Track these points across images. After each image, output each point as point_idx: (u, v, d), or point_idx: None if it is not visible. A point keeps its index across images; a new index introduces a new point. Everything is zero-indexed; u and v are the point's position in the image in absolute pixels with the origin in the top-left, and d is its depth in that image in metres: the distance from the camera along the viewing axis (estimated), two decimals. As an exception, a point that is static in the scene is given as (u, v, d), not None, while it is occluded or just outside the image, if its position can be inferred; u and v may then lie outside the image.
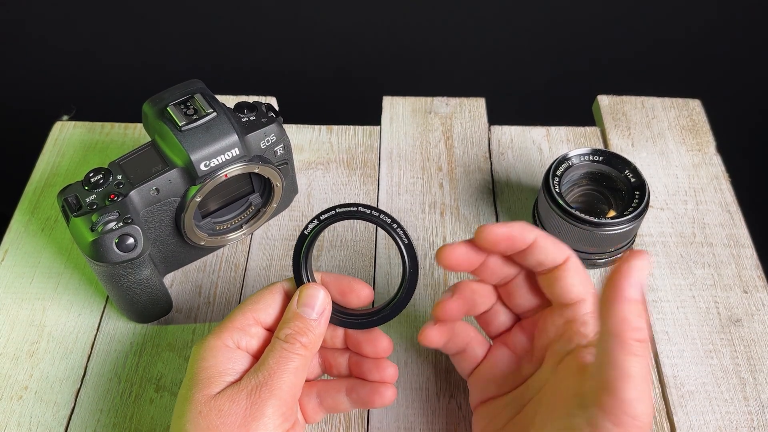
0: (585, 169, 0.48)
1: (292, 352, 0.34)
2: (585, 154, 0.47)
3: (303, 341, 0.34)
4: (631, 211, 0.44)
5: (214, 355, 0.34)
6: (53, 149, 0.57)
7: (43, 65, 1.00)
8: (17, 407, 0.42)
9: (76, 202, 0.41)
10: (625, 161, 0.47)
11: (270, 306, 0.36)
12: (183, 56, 0.99)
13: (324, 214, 0.36)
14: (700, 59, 0.99)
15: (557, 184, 0.46)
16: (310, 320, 0.35)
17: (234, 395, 0.33)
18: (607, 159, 0.47)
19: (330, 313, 0.36)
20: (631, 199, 0.45)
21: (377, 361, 0.37)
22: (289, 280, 0.37)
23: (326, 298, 0.36)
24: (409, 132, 0.58)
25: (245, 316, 0.36)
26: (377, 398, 0.37)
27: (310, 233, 0.36)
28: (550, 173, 0.46)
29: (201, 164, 0.41)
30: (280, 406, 0.33)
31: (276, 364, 0.33)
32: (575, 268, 0.35)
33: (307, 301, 0.35)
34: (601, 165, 0.47)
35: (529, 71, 1.02)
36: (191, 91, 0.43)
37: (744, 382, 0.43)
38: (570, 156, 0.47)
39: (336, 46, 0.98)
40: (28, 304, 0.47)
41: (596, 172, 0.48)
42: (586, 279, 0.35)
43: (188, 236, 0.45)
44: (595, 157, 0.47)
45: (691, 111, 0.59)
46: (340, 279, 0.37)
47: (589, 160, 0.48)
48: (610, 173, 0.47)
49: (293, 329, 0.35)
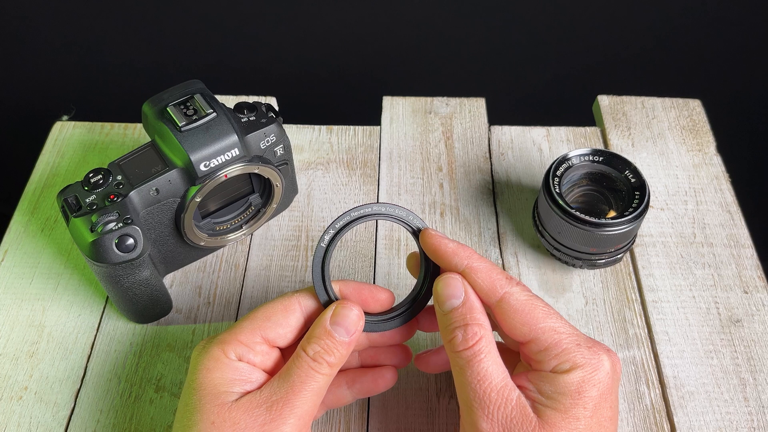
0: (585, 169, 0.48)
1: (317, 372, 0.33)
2: (585, 155, 0.47)
3: (330, 361, 0.33)
4: (631, 212, 0.44)
5: (218, 367, 0.33)
6: (53, 149, 0.56)
7: (43, 65, 1.00)
8: (17, 407, 0.42)
9: (76, 202, 0.40)
10: (625, 161, 0.47)
11: (281, 326, 0.35)
12: (183, 57, 0.99)
13: (339, 221, 0.35)
14: (700, 59, 0.99)
15: (557, 184, 0.46)
16: (341, 340, 0.34)
17: (251, 408, 0.32)
18: (607, 159, 0.47)
19: (360, 333, 0.35)
20: (631, 200, 0.45)
21: (393, 346, 0.37)
22: (306, 293, 0.36)
23: (360, 319, 0.35)
24: (409, 132, 0.58)
25: (253, 332, 0.34)
26: (381, 382, 0.37)
27: (328, 245, 0.35)
28: (550, 173, 0.46)
29: (201, 164, 0.41)
30: (298, 425, 0.32)
31: (300, 382, 0.32)
32: (510, 306, 0.33)
33: (341, 321, 0.34)
34: (601, 165, 0.47)
35: (529, 71, 1.02)
36: (191, 92, 0.43)
37: (744, 382, 0.43)
38: (570, 156, 0.47)
39: (336, 46, 0.98)
40: (27, 304, 0.47)
41: (596, 173, 0.48)
42: (527, 317, 0.33)
43: (188, 237, 0.45)
44: (595, 157, 0.47)
45: (691, 111, 0.59)
46: (361, 289, 0.36)
47: (589, 160, 0.47)
48: (610, 173, 0.47)
49: (322, 347, 0.33)
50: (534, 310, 0.33)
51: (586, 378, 0.32)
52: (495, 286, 0.34)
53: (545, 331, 0.33)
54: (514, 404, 0.32)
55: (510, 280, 0.34)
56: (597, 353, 0.33)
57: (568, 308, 0.47)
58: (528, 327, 0.33)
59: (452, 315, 0.34)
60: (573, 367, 0.32)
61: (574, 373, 0.32)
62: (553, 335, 0.33)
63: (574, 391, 0.32)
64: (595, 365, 0.32)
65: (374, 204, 0.35)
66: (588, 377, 0.32)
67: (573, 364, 0.32)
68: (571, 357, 0.32)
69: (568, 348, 0.32)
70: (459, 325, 0.33)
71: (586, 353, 0.32)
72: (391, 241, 0.51)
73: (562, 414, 0.31)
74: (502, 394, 0.32)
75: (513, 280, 0.34)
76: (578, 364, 0.32)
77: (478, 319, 0.33)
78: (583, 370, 0.32)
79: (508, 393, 0.32)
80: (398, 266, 0.49)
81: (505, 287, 0.34)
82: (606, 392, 0.32)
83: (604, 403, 0.32)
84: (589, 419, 0.31)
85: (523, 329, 0.33)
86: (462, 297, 0.34)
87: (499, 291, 0.34)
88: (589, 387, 0.32)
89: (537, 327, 0.33)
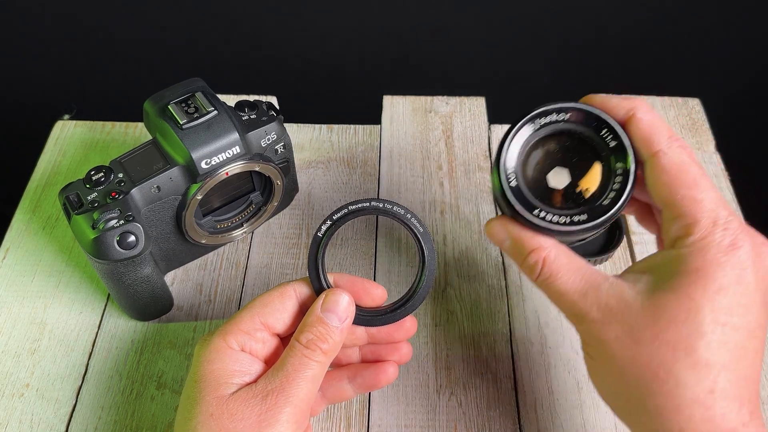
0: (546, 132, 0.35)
1: (311, 359, 0.33)
2: (542, 114, 0.34)
3: (323, 348, 0.33)
4: (609, 202, 0.32)
5: (220, 358, 0.33)
6: (54, 148, 0.57)
7: (44, 64, 1.00)
8: (19, 404, 0.42)
9: (78, 200, 0.41)
10: (598, 118, 0.33)
11: (279, 311, 0.35)
12: (184, 55, 0.99)
13: (336, 213, 0.36)
14: (700, 59, 0.99)
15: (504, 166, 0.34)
16: (333, 327, 0.34)
17: (248, 399, 0.32)
18: (577, 115, 0.34)
19: (352, 319, 0.35)
20: (610, 176, 0.33)
21: (394, 342, 0.38)
22: (301, 281, 0.36)
23: (351, 305, 0.35)
24: (410, 131, 0.58)
25: (252, 319, 0.35)
26: (383, 377, 0.37)
27: (324, 235, 0.36)
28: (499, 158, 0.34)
29: (202, 162, 0.42)
30: (294, 413, 0.32)
31: (294, 371, 0.33)
32: (658, 166, 0.30)
33: (332, 307, 0.34)
34: (567, 124, 0.34)
35: (529, 70, 1.02)
36: (192, 90, 0.43)
37: (743, 379, 0.43)
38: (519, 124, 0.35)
39: (336, 46, 0.98)
40: (29, 302, 0.47)
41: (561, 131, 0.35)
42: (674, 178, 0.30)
43: (189, 234, 0.45)
44: (553, 116, 0.35)
45: (690, 110, 0.59)
46: (354, 281, 0.37)
47: (550, 121, 0.35)
48: (581, 132, 0.34)
49: (315, 334, 0.34)
50: (683, 175, 0.30)
51: (710, 258, 0.28)
52: (652, 141, 0.31)
53: (684, 199, 0.29)
54: (605, 296, 0.30)
55: (672, 139, 0.31)
56: (737, 235, 0.29)
57: (567, 306, 0.47)
58: (668, 191, 0.30)
59: (510, 251, 0.34)
60: (696, 241, 0.28)
61: (694, 248, 0.28)
62: (691, 205, 0.29)
63: (692, 270, 0.28)
64: (727, 247, 0.28)
65: (373, 199, 0.35)
66: (712, 258, 0.28)
67: (698, 238, 0.28)
68: (699, 231, 0.29)
69: (700, 223, 0.29)
70: (520, 259, 0.33)
71: (718, 232, 0.29)
72: (392, 239, 0.51)
73: (674, 294, 0.28)
74: (590, 295, 0.30)
75: (677, 140, 0.31)
76: (704, 239, 0.28)
77: (531, 244, 0.33)
78: (706, 247, 0.28)
79: (595, 291, 0.30)
80: (398, 264, 0.49)
81: (662, 144, 0.30)
82: (737, 277, 0.28)
83: (735, 288, 0.28)
84: (710, 303, 0.28)
85: (662, 192, 0.30)
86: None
87: (655, 147, 0.31)
88: (714, 268, 0.28)
89: (677, 193, 0.30)
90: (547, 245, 0.33)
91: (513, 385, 0.43)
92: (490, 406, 0.42)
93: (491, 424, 0.42)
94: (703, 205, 0.29)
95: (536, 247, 0.33)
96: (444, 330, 0.46)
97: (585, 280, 0.32)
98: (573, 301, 0.32)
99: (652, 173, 0.31)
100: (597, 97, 0.34)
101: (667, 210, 0.31)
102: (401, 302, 0.37)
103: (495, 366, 0.44)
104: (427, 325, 0.46)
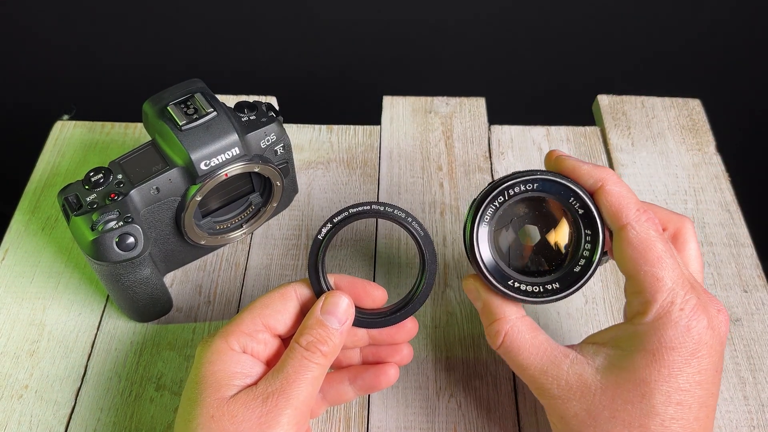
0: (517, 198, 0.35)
1: (311, 361, 0.33)
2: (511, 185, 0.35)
3: (323, 350, 0.33)
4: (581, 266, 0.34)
5: (221, 359, 0.34)
6: (53, 149, 0.57)
7: (44, 65, 1.00)
8: (18, 406, 0.42)
9: (77, 201, 0.41)
10: (565, 187, 0.34)
11: (280, 312, 0.35)
12: (183, 56, 0.99)
13: (337, 216, 0.35)
14: (700, 59, 0.99)
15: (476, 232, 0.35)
16: (333, 329, 0.34)
17: (248, 401, 0.32)
18: (542, 185, 0.34)
19: (352, 322, 0.35)
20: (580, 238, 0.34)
21: (394, 344, 0.38)
22: (301, 283, 0.36)
23: (351, 307, 0.35)
24: (409, 131, 0.58)
25: (254, 321, 0.35)
26: (383, 379, 0.37)
27: (324, 237, 0.36)
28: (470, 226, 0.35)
29: (201, 163, 0.41)
30: (295, 415, 0.32)
31: (294, 373, 0.33)
32: (625, 239, 0.31)
33: (331, 310, 0.34)
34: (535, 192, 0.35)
35: (529, 71, 1.02)
36: (191, 91, 0.43)
37: (744, 381, 0.43)
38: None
39: (336, 46, 0.98)
40: (28, 303, 0.47)
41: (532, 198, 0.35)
42: (640, 254, 0.30)
43: (188, 235, 0.45)
44: (522, 186, 0.34)
45: (691, 111, 0.59)
46: (354, 282, 0.37)
47: (519, 190, 0.35)
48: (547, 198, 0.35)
49: (315, 337, 0.34)
50: (647, 252, 0.30)
51: (665, 341, 0.29)
52: (620, 214, 0.31)
53: (647, 276, 0.30)
54: (565, 375, 0.31)
55: (640, 212, 0.31)
56: (692, 316, 0.29)
57: (567, 307, 0.47)
58: (632, 265, 0.30)
59: (480, 313, 0.35)
60: (653, 320, 0.29)
61: (651, 327, 0.29)
62: (652, 283, 0.30)
63: (648, 350, 0.29)
64: (682, 328, 0.29)
65: (374, 202, 0.35)
66: (667, 340, 0.29)
67: (655, 317, 0.29)
68: (656, 310, 0.29)
69: (658, 302, 0.30)
70: (485, 324, 0.35)
71: (675, 312, 0.29)
72: (391, 241, 0.51)
73: (631, 374, 0.29)
74: (550, 373, 0.32)
75: (645, 212, 0.31)
76: (660, 319, 0.29)
77: (496, 313, 0.34)
78: (662, 327, 0.29)
79: (556, 369, 0.32)
80: (398, 266, 0.49)
81: (629, 218, 0.31)
82: (690, 356, 0.29)
83: (687, 369, 0.29)
84: (664, 385, 0.29)
85: (627, 265, 0.31)
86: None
87: (623, 220, 0.31)
88: (668, 352, 0.29)
89: (641, 268, 0.30)
90: (512, 318, 0.34)
91: (513, 388, 0.43)
92: (490, 408, 0.42)
93: (491, 426, 0.41)
94: (662, 283, 0.30)
95: (500, 317, 0.34)
96: (444, 332, 0.46)
97: (546, 357, 0.33)
98: (533, 376, 0.33)
99: (619, 246, 0.32)
100: (567, 161, 0.34)
101: (629, 283, 0.32)
102: (402, 305, 0.37)
103: (495, 368, 0.44)
104: (427, 326, 0.46)
